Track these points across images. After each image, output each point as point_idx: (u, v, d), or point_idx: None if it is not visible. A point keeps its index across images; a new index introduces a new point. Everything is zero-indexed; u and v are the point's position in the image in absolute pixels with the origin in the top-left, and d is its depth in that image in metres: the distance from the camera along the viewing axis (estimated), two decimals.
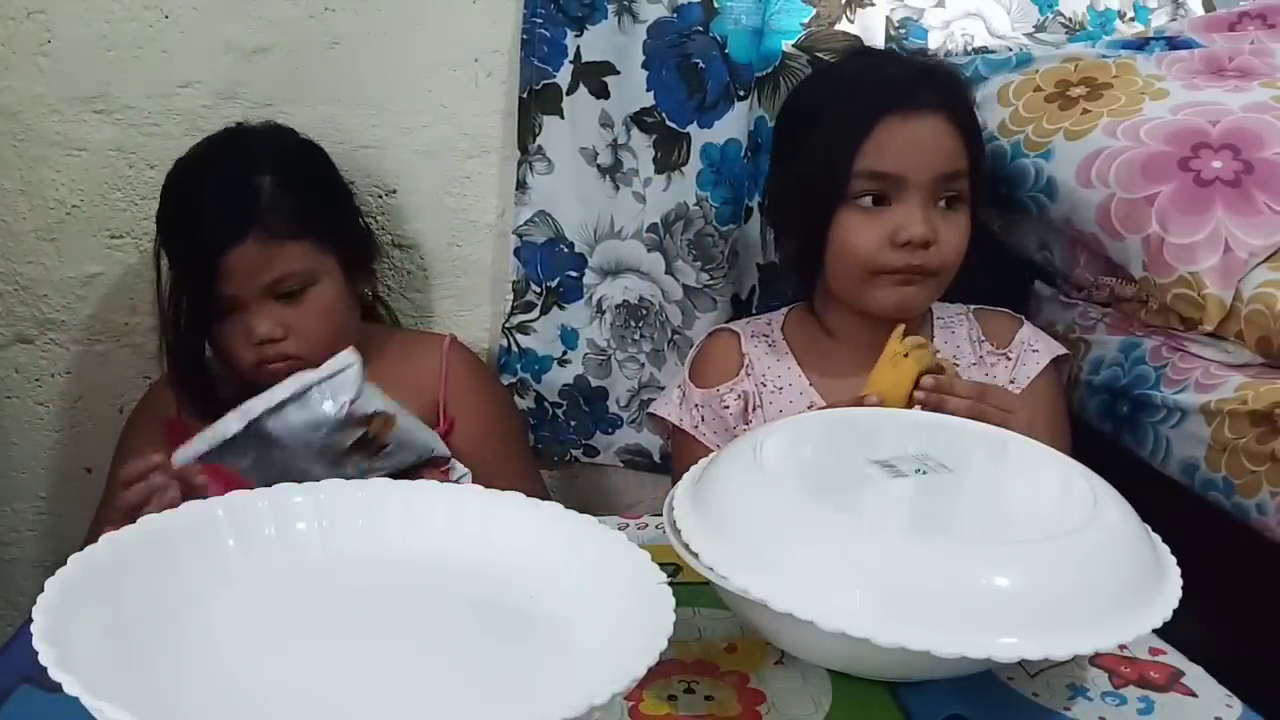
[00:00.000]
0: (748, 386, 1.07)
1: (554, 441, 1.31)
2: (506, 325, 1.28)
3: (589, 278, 1.26)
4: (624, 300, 1.26)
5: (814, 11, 1.18)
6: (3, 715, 0.60)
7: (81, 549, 0.57)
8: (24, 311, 1.24)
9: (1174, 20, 1.27)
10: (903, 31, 1.21)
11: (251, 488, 0.67)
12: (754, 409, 1.06)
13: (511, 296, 1.27)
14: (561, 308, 1.27)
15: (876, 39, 1.19)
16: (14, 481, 1.30)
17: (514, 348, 1.28)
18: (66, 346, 1.26)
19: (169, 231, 1.07)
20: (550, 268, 1.26)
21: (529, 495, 0.68)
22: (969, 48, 1.23)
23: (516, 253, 1.26)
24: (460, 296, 1.29)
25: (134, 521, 0.62)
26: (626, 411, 1.29)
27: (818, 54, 1.18)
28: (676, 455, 1.13)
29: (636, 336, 1.26)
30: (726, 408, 1.07)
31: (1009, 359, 1.06)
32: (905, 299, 1.01)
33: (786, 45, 1.18)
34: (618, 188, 1.23)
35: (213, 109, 1.19)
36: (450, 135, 1.23)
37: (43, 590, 0.52)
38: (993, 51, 1.22)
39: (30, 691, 0.61)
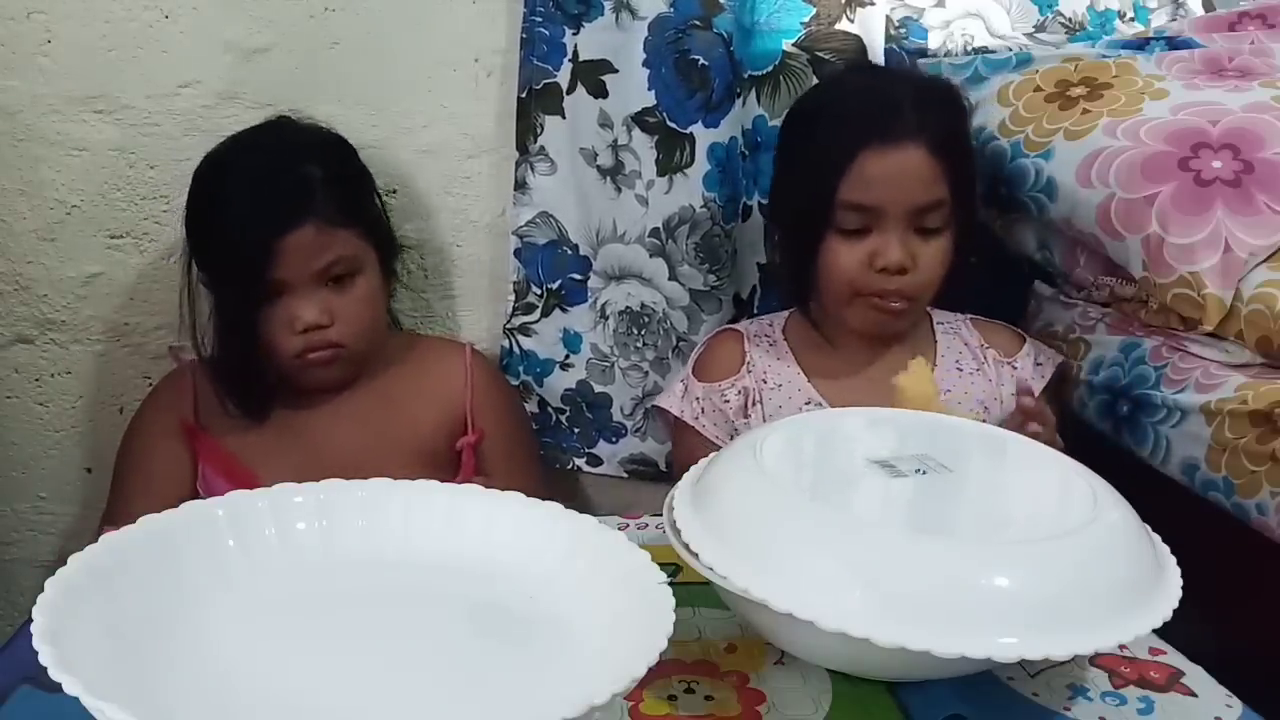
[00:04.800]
0: (748, 383, 1.10)
1: (557, 449, 1.31)
2: (507, 326, 1.27)
3: (593, 281, 1.26)
4: (627, 307, 1.25)
5: (814, 11, 1.17)
6: (3, 715, 0.60)
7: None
8: (24, 311, 1.24)
9: (1174, 20, 1.27)
10: (903, 31, 1.21)
11: None
12: (753, 404, 1.09)
13: (513, 298, 1.27)
14: (564, 310, 1.27)
15: (876, 39, 1.18)
16: (14, 481, 1.30)
17: (515, 349, 1.28)
18: (66, 346, 1.26)
19: (216, 218, 1.04)
20: (551, 269, 1.26)
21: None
22: (969, 48, 1.23)
23: (517, 253, 1.25)
24: (460, 297, 1.29)
25: None
26: (631, 420, 1.28)
27: (818, 53, 1.17)
28: (676, 447, 1.16)
29: (639, 344, 1.26)
30: (727, 402, 1.09)
31: (1014, 368, 1.09)
32: (884, 323, 1.06)
33: (787, 44, 1.17)
34: (620, 190, 1.22)
35: (213, 109, 1.19)
36: (450, 135, 1.23)
37: (43, 590, 0.52)
38: (993, 51, 1.22)
39: (30, 691, 0.61)
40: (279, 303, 1.03)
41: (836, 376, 1.09)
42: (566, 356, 1.28)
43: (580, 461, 1.31)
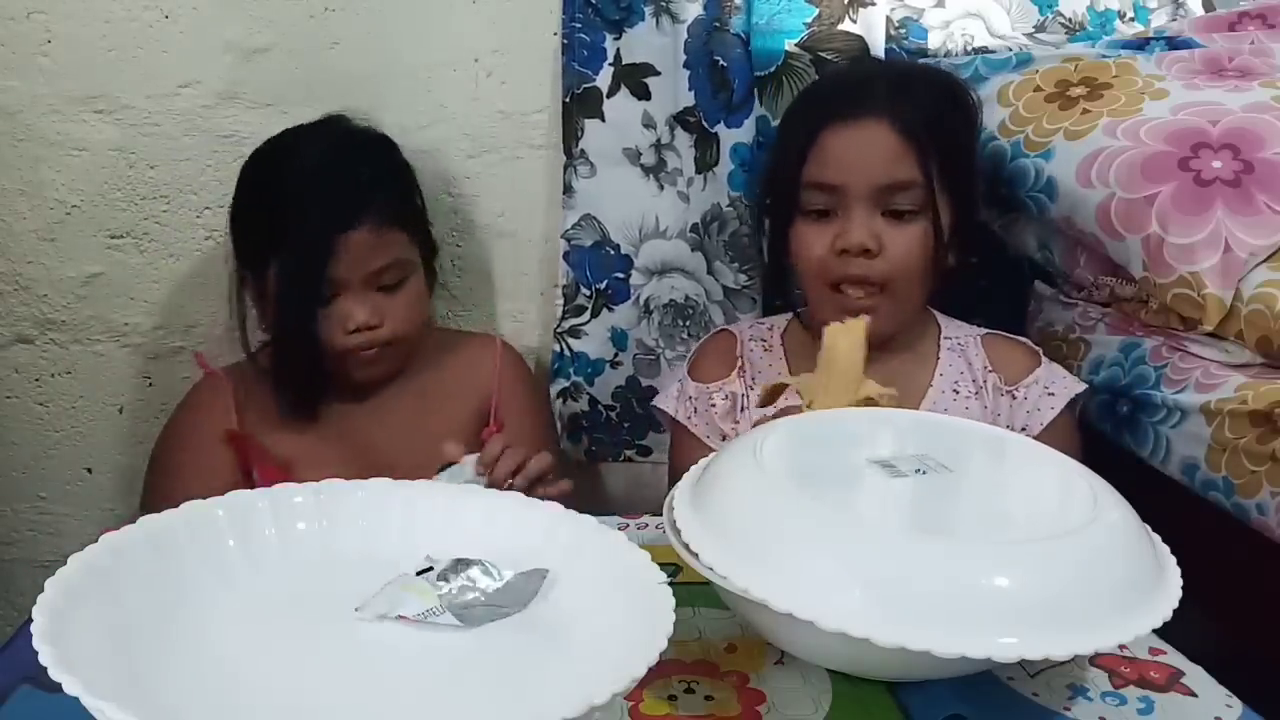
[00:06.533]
0: (737, 388, 1.08)
1: (607, 444, 1.32)
2: (558, 329, 1.28)
3: (635, 278, 1.27)
4: (670, 300, 1.27)
5: (817, 11, 1.17)
6: (3, 715, 0.60)
7: None
8: (24, 311, 1.24)
9: (1174, 20, 1.27)
10: (903, 31, 1.21)
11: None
12: (741, 410, 1.07)
13: (562, 301, 1.27)
14: (610, 309, 1.28)
15: (877, 39, 1.19)
16: (14, 481, 1.30)
17: (566, 352, 1.29)
18: (66, 346, 1.26)
19: (275, 216, 1.04)
20: (598, 270, 1.27)
21: None
22: (969, 48, 1.23)
23: (565, 256, 1.26)
24: (460, 296, 1.29)
25: None
26: None
27: (820, 53, 1.18)
28: (673, 447, 1.15)
29: (685, 335, 1.27)
30: (713, 405, 1.08)
31: (1014, 397, 1.03)
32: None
33: (789, 44, 1.18)
34: (662, 187, 1.24)
35: (213, 109, 1.19)
36: (450, 135, 1.23)
37: (43, 590, 0.52)
38: (993, 51, 1.22)
39: (30, 691, 0.61)
40: (332, 303, 1.04)
41: None
42: (615, 355, 1.29)
43: (630, 453, 1.32)
